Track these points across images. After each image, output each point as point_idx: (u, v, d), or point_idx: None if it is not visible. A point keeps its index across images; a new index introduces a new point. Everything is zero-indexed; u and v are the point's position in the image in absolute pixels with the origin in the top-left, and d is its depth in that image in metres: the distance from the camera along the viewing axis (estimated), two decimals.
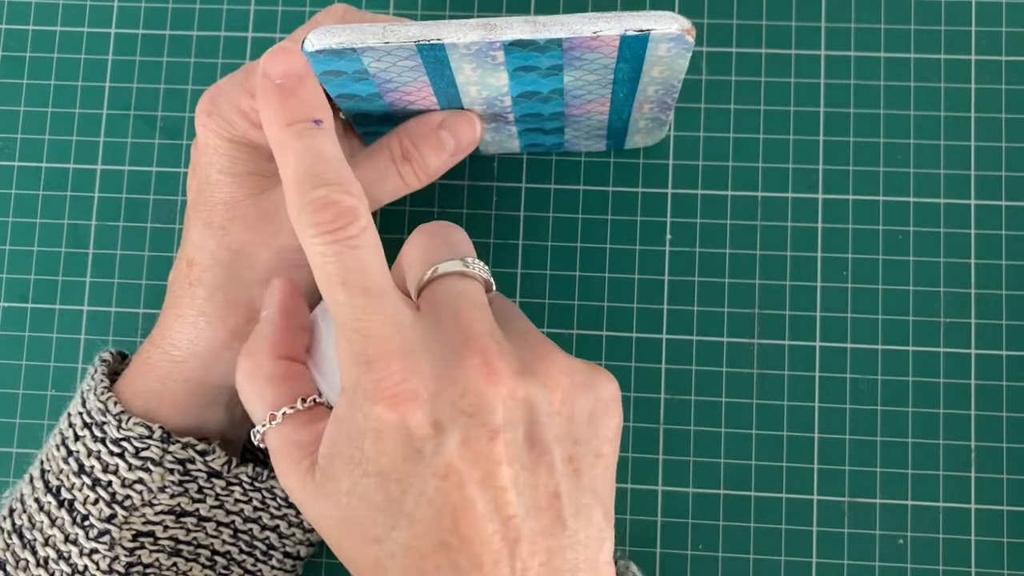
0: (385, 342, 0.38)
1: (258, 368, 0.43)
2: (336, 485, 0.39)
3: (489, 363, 0.38)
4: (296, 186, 0.38)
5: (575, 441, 0.39)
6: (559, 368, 0.40)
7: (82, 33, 0.60)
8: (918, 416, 0.55)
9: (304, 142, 0.39)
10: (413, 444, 0.37)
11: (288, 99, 0.39)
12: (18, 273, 0.59)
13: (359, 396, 0.38)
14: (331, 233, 0.38)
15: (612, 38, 0.42)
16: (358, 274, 0.38)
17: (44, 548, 0.47)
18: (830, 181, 0.57)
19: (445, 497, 0.37)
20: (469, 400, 0.38)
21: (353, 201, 0.38)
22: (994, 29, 0.57)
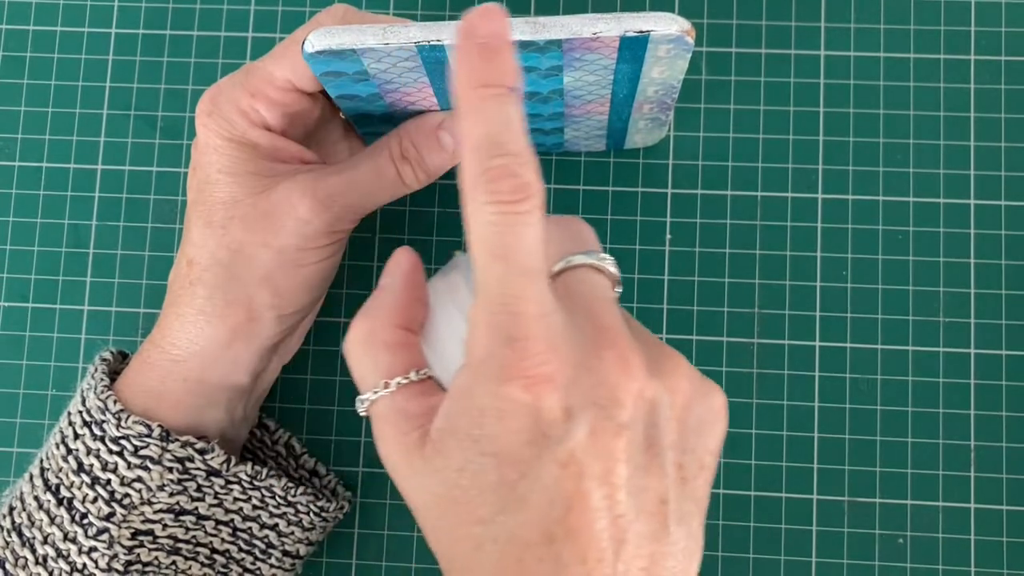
0: (532, 323, 0.36)
1: (374, 333, 0.42)
2: (446, 461, 0.38)
3: (625, 357, 0.37)
4: (478, 150, 0.37)
5: (684, 449, 0.39)
6: (682, 372, 0.39)
7: (82, 33, 0.60)
8: (918, 416, 0.55)
9: (496, 107, 0.37)
10: (540, 428, 0.36)
11: (489, 60, 0.37)
12: (19, 273, 0.59)
13: (490, 371, 0.37)
14: (506, 204, 0.36)
15: (612, 39, 0.42)
16: (521, 251, 0.36)
17: (43, 546, 0.47)
18: (830, 181, 0.57)
19: (561, 486, 0.36)
20: (602, 392, 0.36)
21: (532, 177, 0.37)
22: (993, 29, 0.58)
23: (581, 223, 0.42)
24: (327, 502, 0.51)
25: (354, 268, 0.58)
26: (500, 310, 0.36)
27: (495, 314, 0.37)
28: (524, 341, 0.36)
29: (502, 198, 0.36)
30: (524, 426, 0.36)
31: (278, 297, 0.48)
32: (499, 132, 0.36)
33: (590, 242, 0.41)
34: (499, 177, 0.36)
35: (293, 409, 0.57)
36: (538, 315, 0.36)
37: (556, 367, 0.36)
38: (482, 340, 0.37)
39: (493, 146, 0.36)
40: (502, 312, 0.36)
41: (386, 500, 0.56)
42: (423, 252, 0.57)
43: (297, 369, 0.57)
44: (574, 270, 0.40)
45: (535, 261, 0.37)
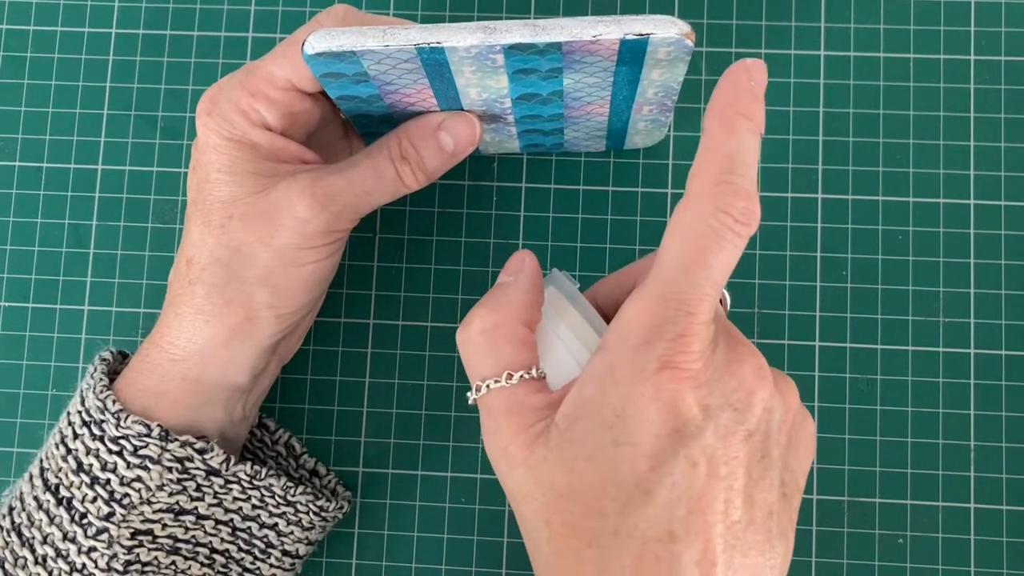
0: (701, 325, 0.38)
1: (501, 326, 0.43)
2: (576, 450, 0.39)
3: (762, 367, 0.39)
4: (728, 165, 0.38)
5: (786, 466, 0.40)
6: (793, 392, 0.41)
7: (83, 33, 0.60)
8: (917, 415, 0.55)
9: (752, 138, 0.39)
10: (677, 421, 0.37)
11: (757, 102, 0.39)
12: (19, 273, 0.59)
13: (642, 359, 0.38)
14: (733, 221, 0.38)
15: (611, 42, 0.42)
16: (720, 266, 0.38)
17: (43, 546, 0.47)
18: (830, 181, 0.57)
19: (689, 484, 0.37)
20: (740, 395, 0.38)
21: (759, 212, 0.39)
22: (993, 29, 0.57)
23: None
24: (327, 502, 0.52)
25: (354, 268, 0.58)
26: (679, 306, 0.38)
27: (670, 308, 0.38)
28: (688, 338, 0.38)
29: (733, 214, 0.38)
30: (663, 418, 0.37)
31: (277, 296, 0.48)
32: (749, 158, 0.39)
33: None
34: (738, 195, 0.38)
35: (293, 409, 0.57)
36: (706, 321, 0.38)
37: (703, 366, 0.38)
38: (643, 327, 0.39)
39: (741, 167, 0.38)
40: (680, 309, 0.38)
41: (386, 500, 0.56)
42: (423, 252, 0.57)
43: (297, 369, 0.57)
44: None
45: (723, 278, 0.39)
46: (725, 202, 0.38)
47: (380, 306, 0.58)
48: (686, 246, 0.39)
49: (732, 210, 0.38)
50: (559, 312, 0.46)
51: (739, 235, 0.38)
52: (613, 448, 0.38)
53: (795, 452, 0.40)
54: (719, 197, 0.38)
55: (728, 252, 0.38)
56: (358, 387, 0.57)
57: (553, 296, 0.46)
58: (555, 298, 0.46)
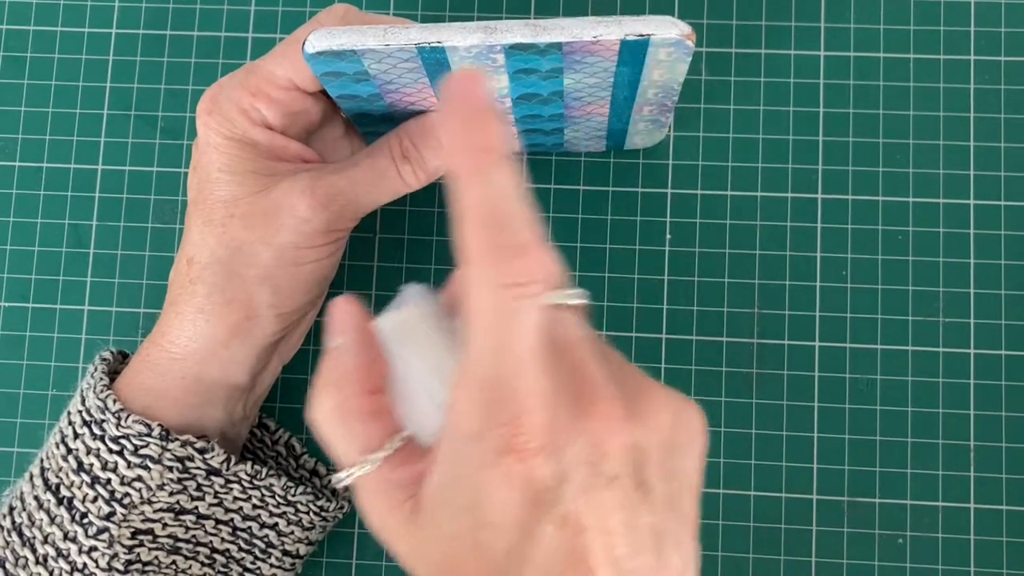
0: (528, 400, 0.35)
1: (345, 405, 0.40)
2: (443, 531, 0.37)
3: (609, 412, 0.36)
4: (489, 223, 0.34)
5: (672, 477, 0.39)
6: (660, 407, 0.38)
7: (83, 33, 0.60)
8: (917, 416, 0.55)
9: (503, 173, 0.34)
10: (535, 494, 0.36)
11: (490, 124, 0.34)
12: (19, 273, 0.59)
13: (482, 447, 0.36)
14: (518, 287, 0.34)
15: (612, 43, 0.42)
16: (525, 336, 0.35)
17: (43, 546, 0.47)
18: (829, 181, 0.57)
19: (561, 545, 0.36)
20: (591, 450, 0.36)
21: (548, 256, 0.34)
22: (993, 29, 0.58)
23: None
24: (327, 502, 0.52)
25: (354, 268, 0.58)
26: (496, 392, 0.35)
27: (489, 394, 0.35)
28: (519, 419, 0.35)
29: (515, 280, 0.34)
30: (518, 495, 0.36)
31: (277, 296, 0.48)
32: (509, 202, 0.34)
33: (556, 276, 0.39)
34: (513, 256, 0.34)
35: (293, 409, 0.57)
36: (534, 394, 0.35)
37: (549, 436, 0.35)
38: (471, 417, 0.36)
39: (505, 218, 0.34)
40: (498, 394, 0.35)
41: None
42: (423, 252, 0.57)
43: (297, 369, 0.57)
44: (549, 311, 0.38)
45: (536, 342, 0.35)
46: (503, 271, 0.33)
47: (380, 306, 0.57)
48: (484, 327, 0.35)
49: (513, 277, 0.33)
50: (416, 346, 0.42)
51: (532, 296, 0.34)
52: (477, 529, 0.36)
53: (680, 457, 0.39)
54: (494, 267, 0.34)
55: (529, 319, 0.34)
56: None
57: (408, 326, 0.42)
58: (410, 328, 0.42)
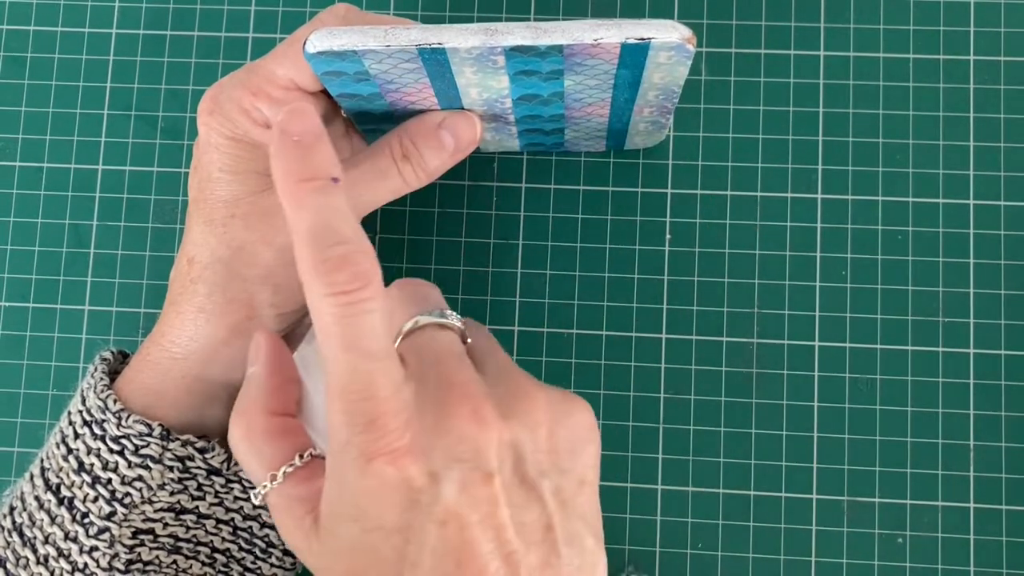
0: (385, 403, 0.38)
1: (251, 427, 0.44)
2: (338, 542, 0.40)
3: (477, 410, 0.39)
4: (312, 242, 0.37)
5: (560, 472, 0.40)
6: (538, 405, 0.40)
7: (83, 33, 0.60)
8: (917, 415, 0.55)
9: (324, 198, 0.37)
10: (411, 495, 0.38)
11: (308, 155, 0.38)
12: (19, 273, 0.59)
13: (353, 454, 0.38)
14: (346, 295, 0.37)
15: (613, 46, 0.42)
16: (366, 338, 0.37)
17: (44, 546, 0.47)
18: (829, 181, 0.57)
19: (447, 543, 0.38)
20: (463, 448, 0.38)
21: (369, 264, 0.37)
22: (993, 30, 0.58)
23: (424, 284, 0.44)
24: None
25: None
26: (352, 397, 0.38)
27: (348, 401, 0.38)
28: (380, 420, 0.38)
29: (341, 288, 0.37)
30: (396, 498, 0.38)
31: (278, 295, 0.48)
32: (330, 222, 0.37)
33: (435, 301, 0.43)
34: (336, 268, 0.37)
35: None
36: (390, 395, 0.38)
37: (413, 438, 0.38)
38: (339, 427, 0.38)
39: (326, 236, 0.37)
40: (354, 398, 0.38)
41: None
42: (423, 252, 0.57)
43: None
44: (422, 330, 0.42)
45: (380, 345, 0.38)
46: (328, 283, 0.37)
47: None
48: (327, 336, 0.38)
49: (338, 287, 0.37)
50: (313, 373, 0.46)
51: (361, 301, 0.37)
52: (366, 535, 0.38)
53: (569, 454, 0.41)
54: (320, 281, 0.37)
55: (365, 323, 0.37)
56: None
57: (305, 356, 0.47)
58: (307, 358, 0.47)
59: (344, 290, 0.37)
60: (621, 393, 0.56)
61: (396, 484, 0.38)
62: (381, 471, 0.38)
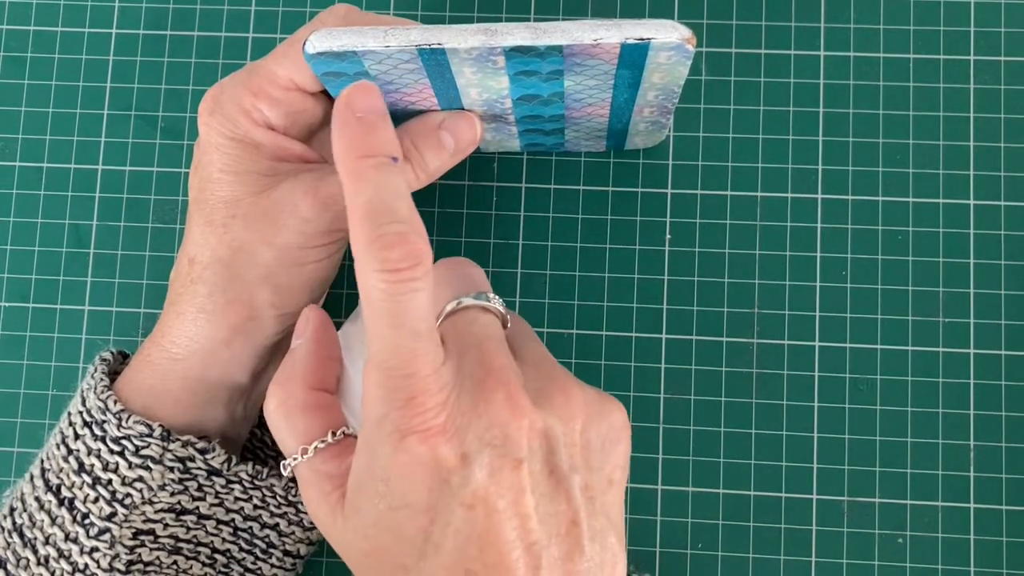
0: (425, 381, 0.38)
1: (290, 398, 0.44)
2: (363, 518, 0.40)
3: (512, 396, 0.39)
4: (369, 219, 0.38)
5: (590, 469, 0.40)
6: (575, 400, 0.41)
7: (83, 33, 0.60)
8: (917, 415, 0.55)
9: (383, 176, 0.38)
10: (440, 475, 0.38)
11: (370, 132, 0.39)
12: (19, 273, 0.59)
13: (387, 430, 0.39)
14: (398, 272, 0.37)
15: (612, 46, 0.42)
16: (412, 317, 0.38)
17: (45, 547, 0.47)
18: (829, 181, 0.57)
19: (472, 526, 0.38)
20: (495, 432, 0.38)
21: (423, 244, 0.38)
22: (993, 30, 0.58)
23: (470, 265, 0.45)
24: None
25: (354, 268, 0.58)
26: (393, 372, 0.38)
27: (389, 376, 0.38)
28: (418, 399, 0.38)
29: (394, 266, 0.37)
30: (426, 477, 0.38)
31: (279, 296, 0.48)
32: (389, 199, 0.38)
33: (479, 283, 0.44)
34: (390, 245, 0.37)
35: None
36: (430, 374, 0.38)
37: (448, 418, 0.38)
38: (377, 401, 0.39)
39: (383, 213, 0.38)
40: (394, 374, 0.38)
41: None
42: None
43: None
44: (464, 311, 0.42)
45: (425, 324, 0.38)
46: (381, 259, 0.37)
47: None
48: (374, 312, 0.38)
49: (390, 264, 0.37)
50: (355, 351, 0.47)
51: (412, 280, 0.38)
52: (392, 513, 0.39)
53: (600, 452, 0.41)
54: (374, 257, 0.37)
55: (412, 302, 0.38)
56: None
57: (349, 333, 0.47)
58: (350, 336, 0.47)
59: (397, 267, 0.37)
60: (621, 393, 0.56)
61: (427, 462, 0.38)
62: (414, 448, 0.38)
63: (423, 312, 0.38)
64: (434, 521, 0.38)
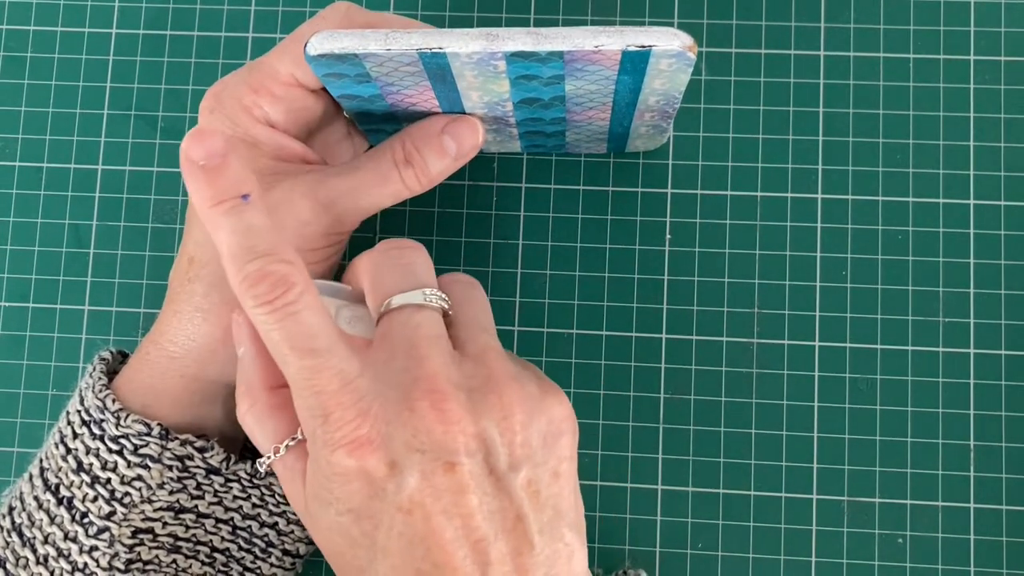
0: (336, 395, 0.39)
1: (256, 403, 0.45)
2: (319, 521, 0.41)
3: (438, 404, 0.39)
4: (232, 261, 0.40)
5: (533, 464, 0.41)
6: (510, 399, 0.41)
7: (83, 33, 0.60)
8: (917, 415, 0.55)
9: (234, 218, 0.40)
10: (374, 484, 0.39)
11: (214, 179, 0.40)
12: (19, 273, 0.59)
13: (319, 445, 0.40)
14: (270, 303, 0.39)
15: (614, 52, 0.42)
16: (301, 337, 0.39)
17: (44, 546, 0.47)
18: (829, 181, 0.57)
19: (413, 530, 0.39)
20: (421, 439, 0.39)
21: (287, 268, 0.40)
22: (993, 29, 0.58)
23: (412, 251, 0.45)
24: None
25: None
26: (305, 393, 0.40)
27: (304, 397, 0.40)
28: (335, 414, 0.39)
29: (265, 299, 0.39)
30: (361, 486, 0.39)
31: None
32: (243, 239, 0.40)
33: (420, 274, 0.44)
34: (257, 280, 0.39)
35: None
36: (340, 388, 0.40)
37: (371, 428, 0.39)
38: (304, 419, 0.41)
39: (242, 253, 0.40)
40: (307, 394, 0.40)
41: None
42: None
43: None
44: (399, 311, 0.43)
45: (319, 341, 0.40)
46: (253, 295, 0.39)
47: None
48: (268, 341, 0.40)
49: (261, 296, 0.39)
50: None
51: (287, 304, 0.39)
52: (339, 518, 0.40)
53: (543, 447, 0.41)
54: (247, 294, 0.40)
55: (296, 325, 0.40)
56: None
57: None
58: None
59: (267, 300, 0.39)
60: (621, 393, 0.56)
61: (357, 473, 0.39)
62: (343, 461, 0.39)
63: (312, 331, 0.40)
64: (377, 527, 0.39)
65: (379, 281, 0.44)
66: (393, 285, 0.43)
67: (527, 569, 0.40)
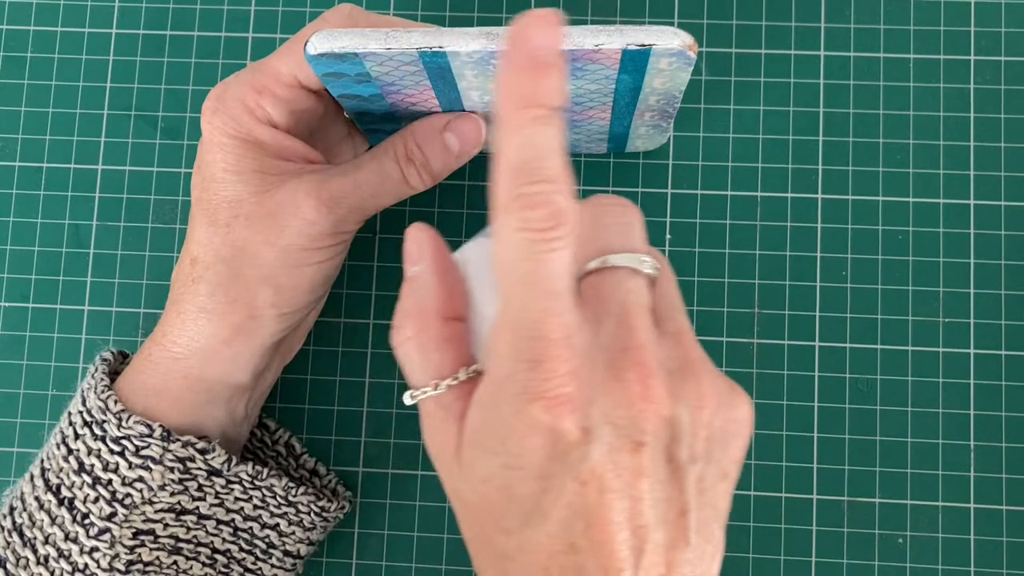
0: (555, 346, 0.36)
1: (424, 330, 0.41)
2: (475, 471, 0.38)
3: (644, 380, 0.37)
4: (515, 175, 0.36)
5: (708, 460, 0.39)
6: (707, 389, 0.39)
7: (83, 33, 0.60)
8: (917, 416, 0.55)
9: (539, 131, 0.36)
10: (559, 446, 0.36)
11: (540, 77, 0.36)
12: (19, 273, 0.59)
13: (511, 391, 0.36)
14: (539, 232, 0.35)
15: (614, 51, 0.42)
16: (549, 278, 0.36)
17: (44, 546, 0.47)
18: (829, 181, 0.57)
19: (583, 501, 0.36)
20: (620, 413, 0.37)
21: (567, 204, 0.36)
22: (993, 30, 0.58)
23: (631, 212, 0.41)
24: (328, 502, 0.52)
25: (354, 268, 0.58)
26: (523, 334, 0.36)
27: (519, 337, 0.36)
28: (548, 364, 0.36)
29: (534, 226, 0.35)
30: (545, 444, 0.36)
31: (280, 296, 0.48)
32: (538, 156, 0.36)
33: (634, 238, 0.40)
34: (533, 205, 0.35)
35: (293, 409, 0.57)
36: (561, 339, 0.36)
37: (576, 389, 0.36)
38: (504, 359, 0.37)
39: (530, 172, 0.35)
40: (525, 335, 0.36)
41: (386, 500, 0.56)
42: None
43: (297, 369, 0.57)
44: (611, 271, 0.39)
45: (560, 286, 0.36)
46: (523, 218, 0.35)
47: (380, 306, 0.58)
48: (508, 269, 0.37)
49: (532, 224, 0.35)
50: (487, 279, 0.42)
51: (553, 239, 0.35)
52: (504, 472, 0.37)
53: (720, 444, 0.39)
54: (516, 214, 0.35)
55: (549, 262, 0.36)
56: (358, 387, 0.57)
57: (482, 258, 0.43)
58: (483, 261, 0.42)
59: (537, 227, 0.35)
60: None
61: (548, 431, 0.36)
62: (538, 414, 0.36)
63: (559, 274, 0.36)
64: (546, 490, 0.36)
65: (598, 235, 0.40)
66: (614, 242, 0.40)
67: (676, 564, 0.38)
